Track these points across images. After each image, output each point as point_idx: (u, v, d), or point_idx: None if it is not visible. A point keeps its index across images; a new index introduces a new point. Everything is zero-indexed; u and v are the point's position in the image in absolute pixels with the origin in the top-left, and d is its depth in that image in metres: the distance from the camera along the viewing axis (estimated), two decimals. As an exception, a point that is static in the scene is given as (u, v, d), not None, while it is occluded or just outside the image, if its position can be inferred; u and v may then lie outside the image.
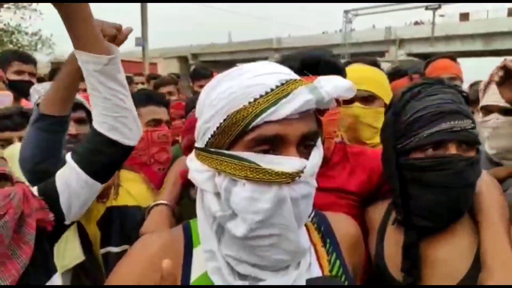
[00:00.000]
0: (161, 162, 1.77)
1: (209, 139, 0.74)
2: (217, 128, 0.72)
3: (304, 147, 0.73)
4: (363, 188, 1.33)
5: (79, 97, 1.93)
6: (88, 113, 1.87)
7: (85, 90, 3.67)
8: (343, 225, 0.93)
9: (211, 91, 0.76)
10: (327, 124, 1.30)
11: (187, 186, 1.43)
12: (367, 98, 1.60)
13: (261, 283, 0.75)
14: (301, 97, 0.69)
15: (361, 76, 1.60)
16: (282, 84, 0.70)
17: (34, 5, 21.27)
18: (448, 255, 1.04)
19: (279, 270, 0.76)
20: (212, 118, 0.73)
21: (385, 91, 1.68)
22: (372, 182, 1.33)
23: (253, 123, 0.68)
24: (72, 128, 1.74)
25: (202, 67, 4.54)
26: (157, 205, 1.34)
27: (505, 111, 1.48)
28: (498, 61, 1.31)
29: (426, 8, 31.89)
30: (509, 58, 1.31)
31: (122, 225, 1.59)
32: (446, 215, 1.04)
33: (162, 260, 0.77)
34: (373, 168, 1.33)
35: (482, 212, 1.05)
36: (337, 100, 1.33)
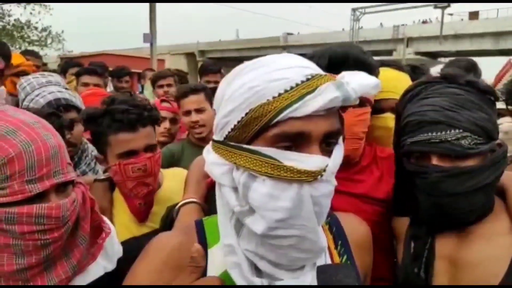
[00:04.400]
0: (140, 197, 1.49)
1: (229, 132, 0.72)
2: (238, 122, 0.69)
3: (327, 144, 0.70)
4: (392, 195, 1.28)
5: (70, 96, 1.81)
6: (79, 111, 1.78)
7: (86, 84, 3.53)
8: (353, 225, 0.93)
9: (230, 83, 0.74)
10: (355, 124, 1.25)
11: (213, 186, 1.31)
12: None
13: (277, 283, 0.74)
14: (328, 94, 0.66)
15: (395, 86, 1.49)
16: (308, 79, 0.67)
17: None
18: (482, 258, 0.98)
19: (296, 270, 0.75)
20: (232, 111, 0.70)
21: None
22: None
23: (277, 119, 0.66)
24: (67, 134, 1.59)
25: (211, 63, 4.51)
26: (185, 204, 1.23)
27: None
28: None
29: (435, 6, 31.54)
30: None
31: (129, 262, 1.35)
32: (441, 220, 1.02)
33: (177, 260, 0.78)
34: None
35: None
36: (367, 100, 1.29)
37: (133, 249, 1.21)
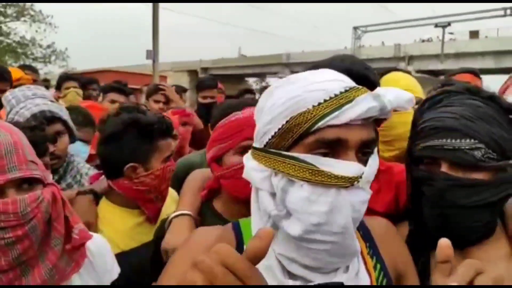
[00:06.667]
0: (164, 197, 1.56)
1: (269, 139, 0.75)
2: (279, 129, 0.73)
3: (362, 154, 0.73)
4: (390, 207, 1.26)
5: (56, 108, 1.78)
6: (65, 124, 1.78)
7: (91, 98, 3.60)
8: (374, 222, 0.95)
9: (271, 95, 0.77)
10: None
11: (209, 199, 1.36)
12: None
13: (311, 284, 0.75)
14: (365, 104, 0.70)
15: (411, 84, 1.69)
16: (346, 91, 0.71)
17: (49, 18, 21.86)
18: None
19: (329, 273, 0.77)
20: (273, 120, 0.74)
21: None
22: (400, 200, 1.25)
23: (316, 126, 0.69)
24: (51, 146, 1.59)
25: (208, 78, 4.46)
26: (177, 216, 1.24)
27: None
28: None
29: (436, 25, 31.90)
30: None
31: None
32: (444, 235, 0.98)
33: None
34: (399, 183, 1.24)
35: None
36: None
37: (123, 264, 1.23)
